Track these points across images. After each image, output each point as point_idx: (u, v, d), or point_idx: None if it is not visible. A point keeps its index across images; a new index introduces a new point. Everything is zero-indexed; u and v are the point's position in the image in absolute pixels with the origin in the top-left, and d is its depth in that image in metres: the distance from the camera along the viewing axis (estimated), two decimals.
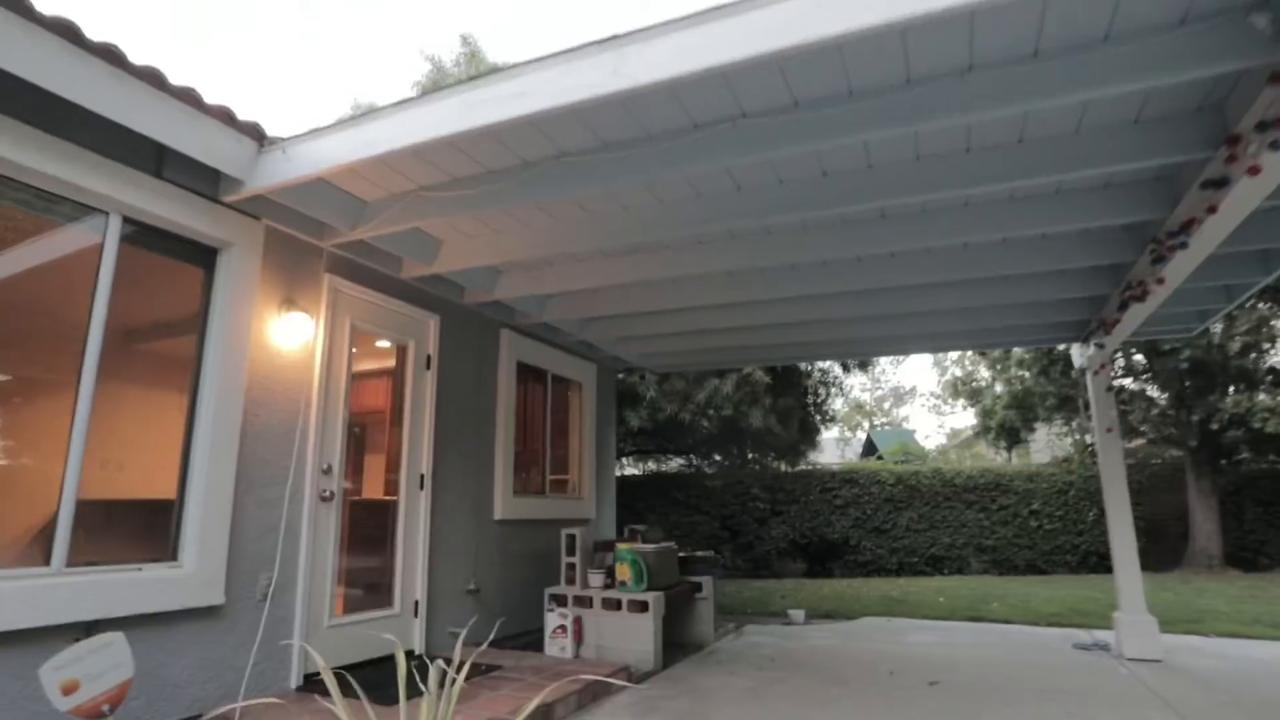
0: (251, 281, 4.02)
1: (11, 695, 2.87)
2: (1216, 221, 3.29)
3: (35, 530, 3.18)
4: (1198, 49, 2.59)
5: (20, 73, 2.79)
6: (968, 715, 4.01)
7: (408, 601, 4.98)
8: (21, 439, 3.33)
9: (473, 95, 3.08)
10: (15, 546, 3.12)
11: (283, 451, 4.13)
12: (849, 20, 2.39)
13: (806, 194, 3.86)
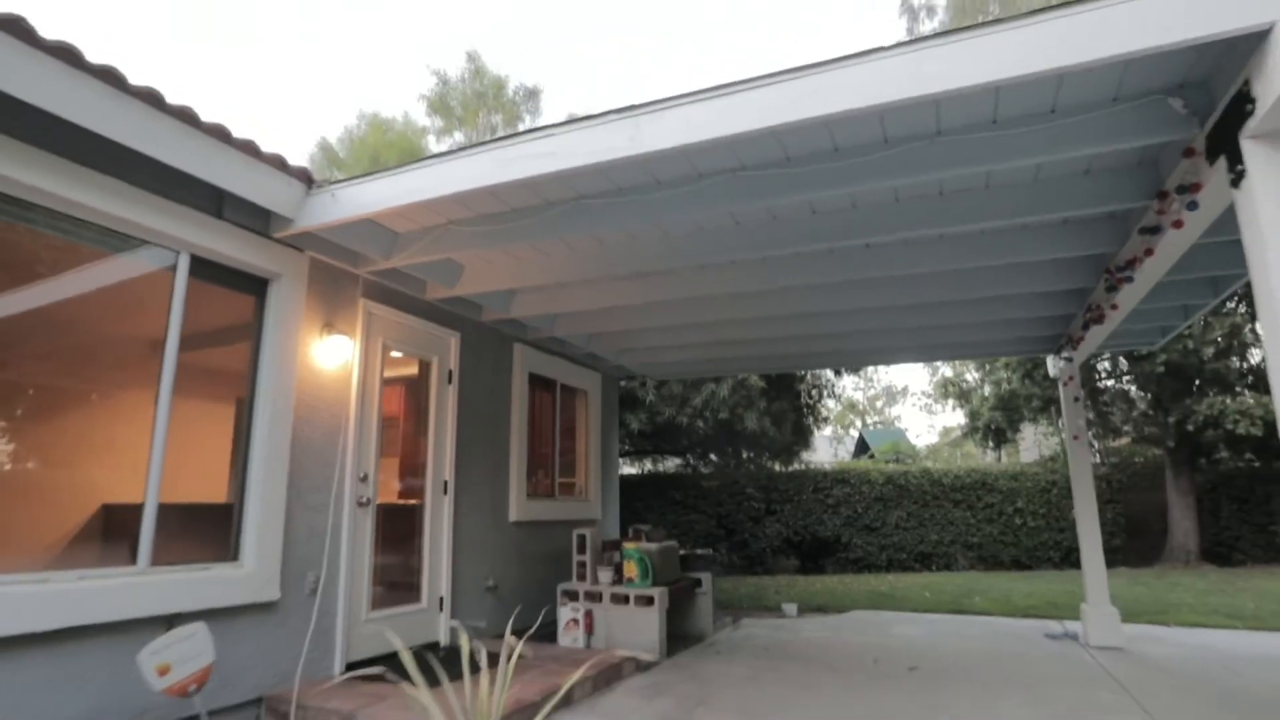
0: (298, 308, 4.45)
1: (113, 677, 3.30)
2: (1154, 261, 3.77)
3: (119, 533, 3.60)
4: (1128, 124, 3.05)
5: (114, 136, 3.23)
6: (941, 696, 4.49)
7: (434, 597, 5.42)
8: (108, 448, 3.76)
9: (507, 152, 3.53)
10: (106, 547, 3.55)
11: (326, 462, 4.57)
12: (834, 104, 2.84)
13: (798, 230, 4.32)
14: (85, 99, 3.11)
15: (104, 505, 3.76)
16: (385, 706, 3.84)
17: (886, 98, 2.76)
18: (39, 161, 3.17)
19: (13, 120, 3.06)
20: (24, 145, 3.12)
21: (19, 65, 2.86)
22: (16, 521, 3.37)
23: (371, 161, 13.51)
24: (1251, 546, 13.63)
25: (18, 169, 3.10)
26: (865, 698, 4.47)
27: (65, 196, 3.28)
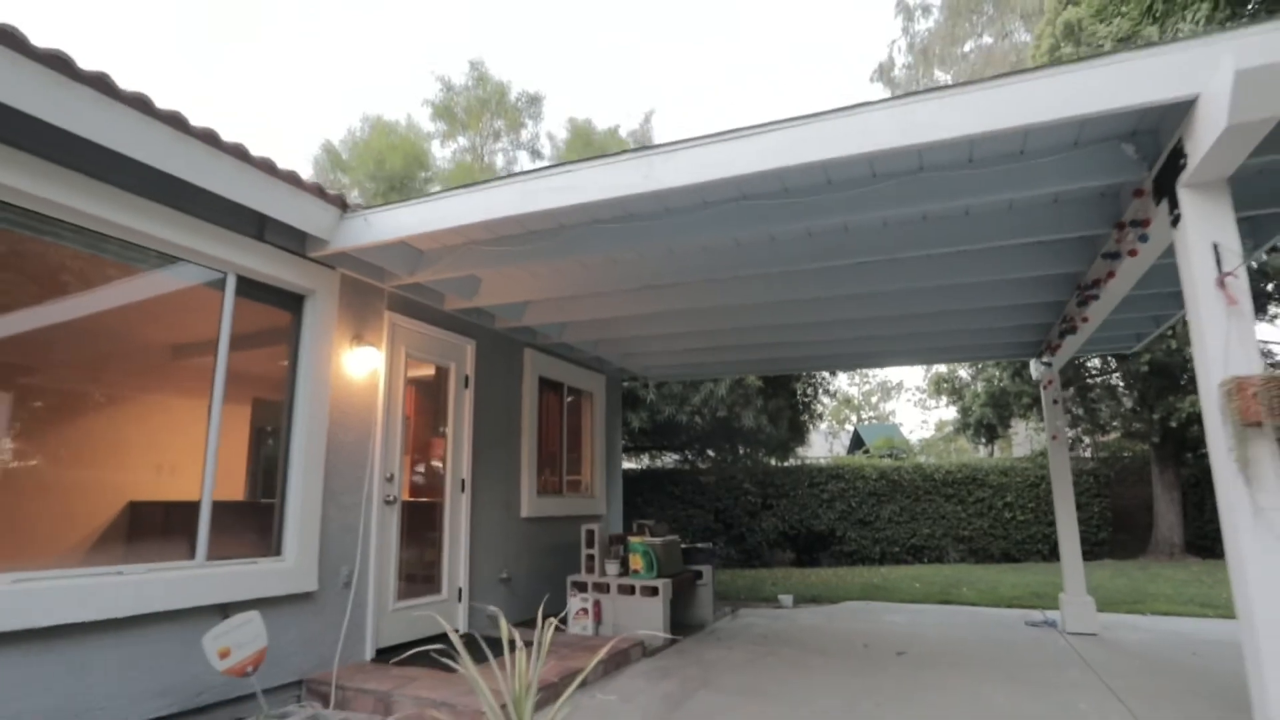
0: (330, 321, 4.81)
1: (176, 659, 3.67)
2: (1116, 282, 4.15)
3: (177, 529, 3.97)
4: (1089, 165, 3.42)
5: (179, 173, 3.59)
6: (924, 677, 4.89)
7: (453, 588, 5.80)
8: (163, 450, 4.12)
9: (530, 185, 3.89)
10: (165, 543, 3.91)
11: (356, 464, 4.93)
12: (828, 151, 3.21)
13: (795, 250, 4.68)
14: (154, 141, 3.46)
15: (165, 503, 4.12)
16: (417, 686, 4.22)
17: (874, 146, 3.13)
18: (110, 197, 3.52)
19: (80, 157, 3.41)
20: (94, 181, 3.47)
21: (102, 116, 3.22)
22: (94, 519, 3.74)
23: (376, 165, 13.81)
24: None
25: (93, 205, 3.45)
26: (855, 679, 4.87)
27: (134, 227, 3.64)
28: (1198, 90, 2.64)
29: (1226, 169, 2.73)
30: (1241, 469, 2.58)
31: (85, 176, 3.42)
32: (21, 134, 3.16)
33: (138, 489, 4.02)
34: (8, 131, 3.12)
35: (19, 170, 3.17)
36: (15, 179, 3.16)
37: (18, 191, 3.20)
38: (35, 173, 3.23)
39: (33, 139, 3.20)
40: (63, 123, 3.11)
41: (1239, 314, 2.68)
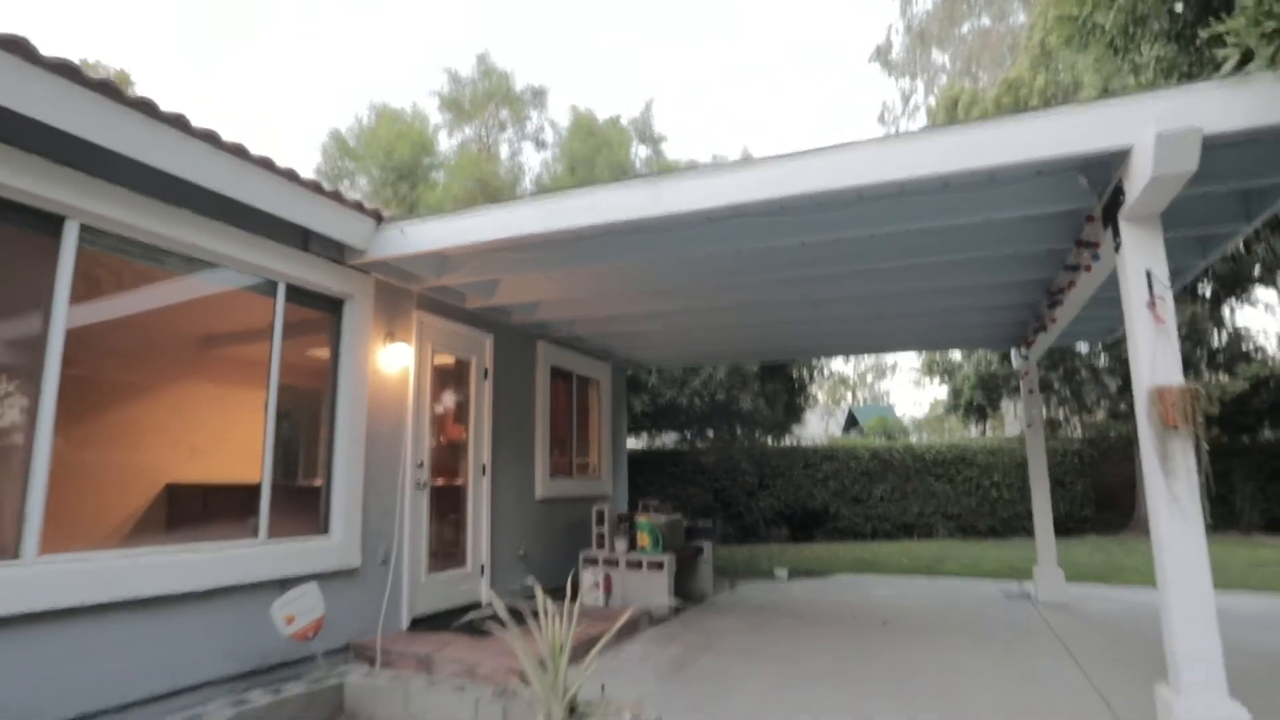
0: (367, 322, 5.28)
1: (245, 626, 4.19)
2: (1077, 290, 4.63)
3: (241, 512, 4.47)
4: (1049, 192, 3.88)
5: (242, 198, 4.03)
6: (905, 640, 5.44)
7: (475, 564, 6.33)
8: (226, 440, 4.62)
9: (553, 205, 4.34)
10: (232, 524, 4.42)
11: (392, 452, 5.43)
12: (819, 184, 3.67)
13: (790, 258, 5.13)
14: (222, 170, 3.91)
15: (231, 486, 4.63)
16: (453, 649, 4.76)
17: (858, 181, 3.59)
18: (186, 220, 3.97)
19: (157, 185, 3.85)
20: (170, 206, 3.91)
21: (180, 150, 3.67)
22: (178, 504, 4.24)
23: (386, 155, 14.13)
24: (1212, 516, 14.55)
25: (169, 227, 3.90)
26: (843, 644, 5.42)
27: (203, 245, 4.09)
28: (1132, 141, 3.10)
29: (1157, 209, 3.20)
30: (1161, 464, 3.08)
31: (162, 202, 3.87)
32: (114, 170, 3.60)
33: (209, 474, 4.52)
34: (104, 169, 3.57)
35: (117, 203, 3.62)
36: (116, 212, 3.62)
37: (118, 221, 3.66)
38: (123, 203, 3.68)
39: (121, 174, 3.64)
40: (148, 159, 3.56)
41: (1165, 332, 3.16)
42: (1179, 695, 2.99)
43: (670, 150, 22.12)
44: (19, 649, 3.18)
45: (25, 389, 3.41)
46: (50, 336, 3.46)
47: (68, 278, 3.52)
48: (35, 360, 3.43)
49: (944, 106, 16.68)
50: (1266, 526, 13.93)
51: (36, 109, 3.12)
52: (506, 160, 14.99)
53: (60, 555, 3.42)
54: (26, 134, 3.24)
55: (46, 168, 3.37)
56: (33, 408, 3.40)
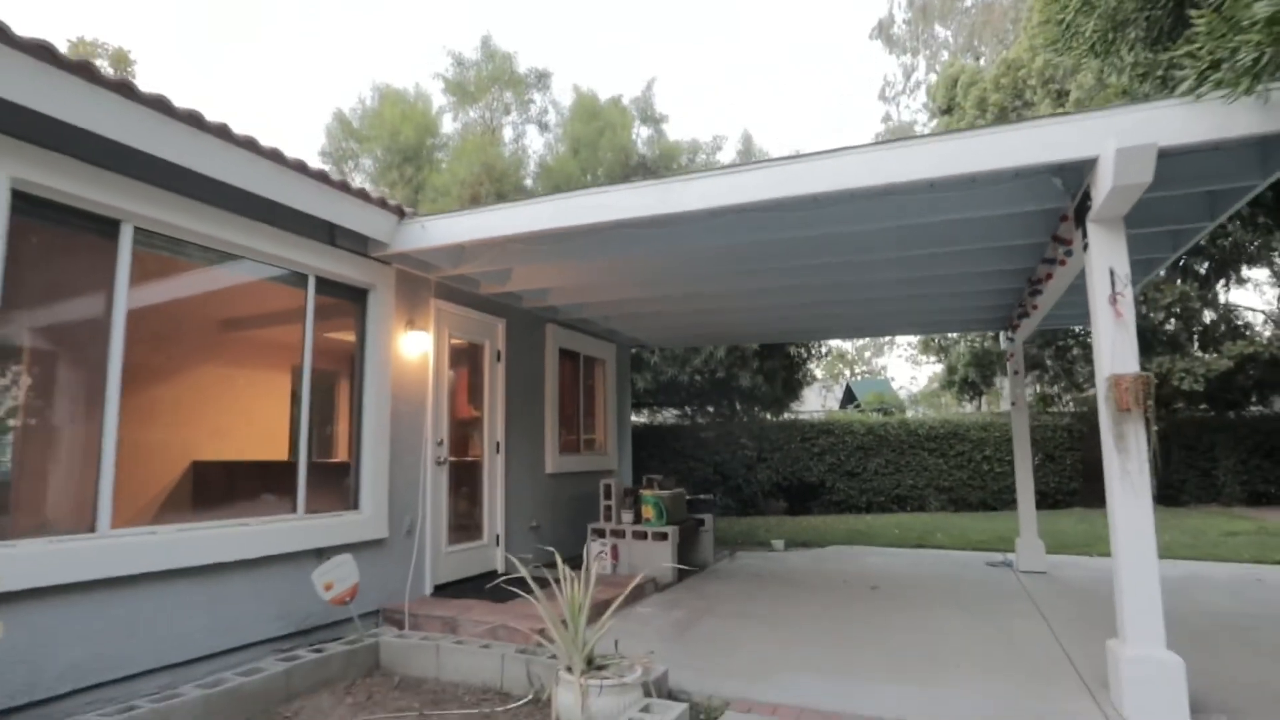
0: (389, 311, 5.61)
1: (287, 592, 4.58)
2: (1054, 282, 4.97)
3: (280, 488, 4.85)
4: (1027, 192, 4.20)
5: (279, 198, 4.35)
6: (892, 605, 5.86)
7: (491, 535, 6.74)
8: (266, 424, 4.98)
9: (566, 203, 4.65)
10: (273, 499, 4.80)
11: (414, 431, 5.80)
12: (814, 186, 3.99)
13: (788, 249, 5.45)
14: (261, 174, 4.22)
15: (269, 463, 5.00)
16: (475, 612, 5.17)
17: (850, 184, 3.91)
18: (224, 219, 4.29)
19: (201, 188, 4.17)
20: (212, 208, 4.23)
21: (225, 156, 3.98)
22: (224, 480, 4.61)
23: (391, 137, 14.30)
24: (1195, 488, 15.12)
25: (211, 227, 4.22)
26: (834, 607, 5.84)
27: (242, 243, 4.42)
28: (1098, 153, 3.41)
29: (1120, 213, 3.52)
30: (1116, 443, 3.45)
31: (206, 205, 4.18)
32: (163, 176, 3.91)
33: (251, 452, 4.89)
34: (154, 175, 3.88)
35: (166, 207, 3.94)
36: (165, 214, 3.94)
37: (167, 223, 3.98)
38: (172, 206, 3.99)
39: (169, 179, 3.95)
40: (195, 165, 3.87)
41: (1124, 325, 3.51)
42: (1124, 646, 3.39)
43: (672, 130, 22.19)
44: (105, 609, 3.58)
45: (93, 378, 3.76)
46: (113, 329, 3.80)
47: (125, 276, 3.85)
48: (100, 351, 3.77)
49: (944, 85, 16.82)
50: (1247, 499, 14.40)
51: (100, 124, 3.43)
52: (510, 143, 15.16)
53: (129, 529, 3.80)
54: (85, 145, 3.55)
55: (104, 176, 3.68)
56: (100, 395, 3.75)
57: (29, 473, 3.67)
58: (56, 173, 3.47)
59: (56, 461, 3.80)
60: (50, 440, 3.82)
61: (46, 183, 3.44)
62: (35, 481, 3.72)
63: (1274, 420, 14.97)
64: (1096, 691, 3.73)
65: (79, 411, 3.80)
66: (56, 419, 3.85)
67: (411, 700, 3.94)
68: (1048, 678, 4.03)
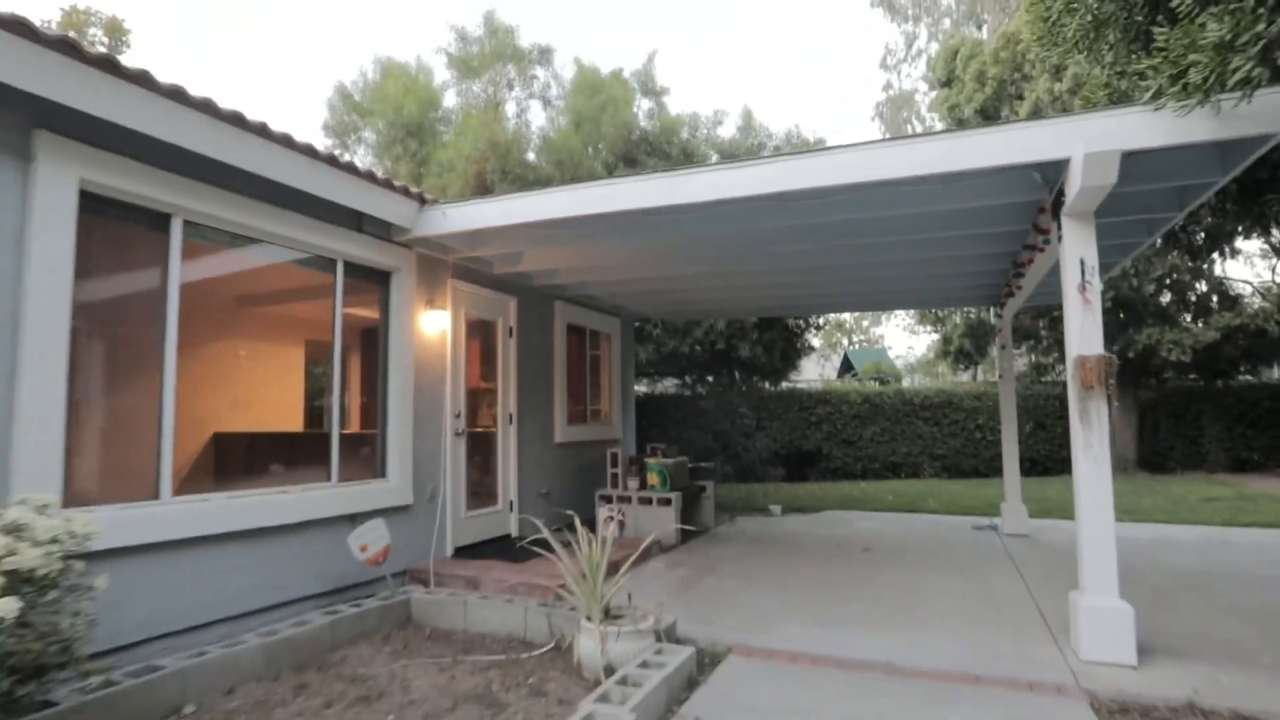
0: (411, 292, 5.95)
1: (325, 554, 5.00)
2: (1035, 266, 5.31)
3: (315, 458, 5.24)
4: (1009, 185, 4.52)
5: (313, 190, 4.66)
6: (882, 564, 6.31)
7: (505, 501, 7.17)
8: (299, 398, 5.35)
9: (578, 193, 4.97)
10: (309, 468, 5.19)
11: (434, 404, 6.18)
12: (810, 181, 4.31)
13: (787, 235, 5.77)
14: (296, 167, 4.53)
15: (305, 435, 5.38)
16: (496, 572, 5.60)
17: (843, 180, 4.23)
18: (261, 210, 4.61)
19: (238, 180, 4.48)
20: (250, 199, 4.55)
21: (265, 152, 4.29)
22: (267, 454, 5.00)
23: (395, 112, 14.44)
24: (1182, 456, 15.60)
25: (250, 217, 4.54)
26: (827, 568, 6.29)
27: (277, 231, 4.74)
28: (1070, 154, 3.73)
29: (1090, 208, 3.86)
30: (1081, 417, 3.83)
31: (245, 197, 4.50)
32: (207, 171, 4.23)
33: (289, 425, 5.27)
34: (199, 171, 4.19)
35: (210, 200, 4.27)
36: (210, 207, 4.26)
37: (211, 215, 4.30)
38: (215, 199, 4.31)
39: (213, 174, 4.26)
40: (238, 162, 4.19)
41: (1091, 311, 3.86)
42: (1083, 596, 3.81)
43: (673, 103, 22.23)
44: (169, 569, 3.98)
45: (152, 358, 4.12)
46: (168, 315, 4.14)
47: (178, 265, 4.19)
48: (158, 334, 4.13)
49: (944, 58, 16.90)
50: (1230, 466, 14.87)
51: (156, 127, 3.75)
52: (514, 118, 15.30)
53: (187, 496, 4.20)
54: (140, 146, 3.86)
55: (157, 175, 4.00)
56: (158, 373, 4.11)
57: (103, 444, 4.05)
58: (117, 173, 3.79)
59: (124, 434, 4.18)
60: (117, 414, 4.19)
61: (109, 182, 3.76)
62: (107, 452, 4.11)
63: (1259, 389, 15.39)
64: (1060, 637, 4.17)
65: (141, 388, 4.16)
66: (123, 395, 4.22)
67: (444, 649, 4.38)
68: (1019, 627, 4.47)
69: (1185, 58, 3.14)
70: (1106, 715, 3.18)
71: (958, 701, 3.34)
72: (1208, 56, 2.99)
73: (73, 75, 3.39)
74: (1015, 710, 3.24)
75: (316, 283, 5.31)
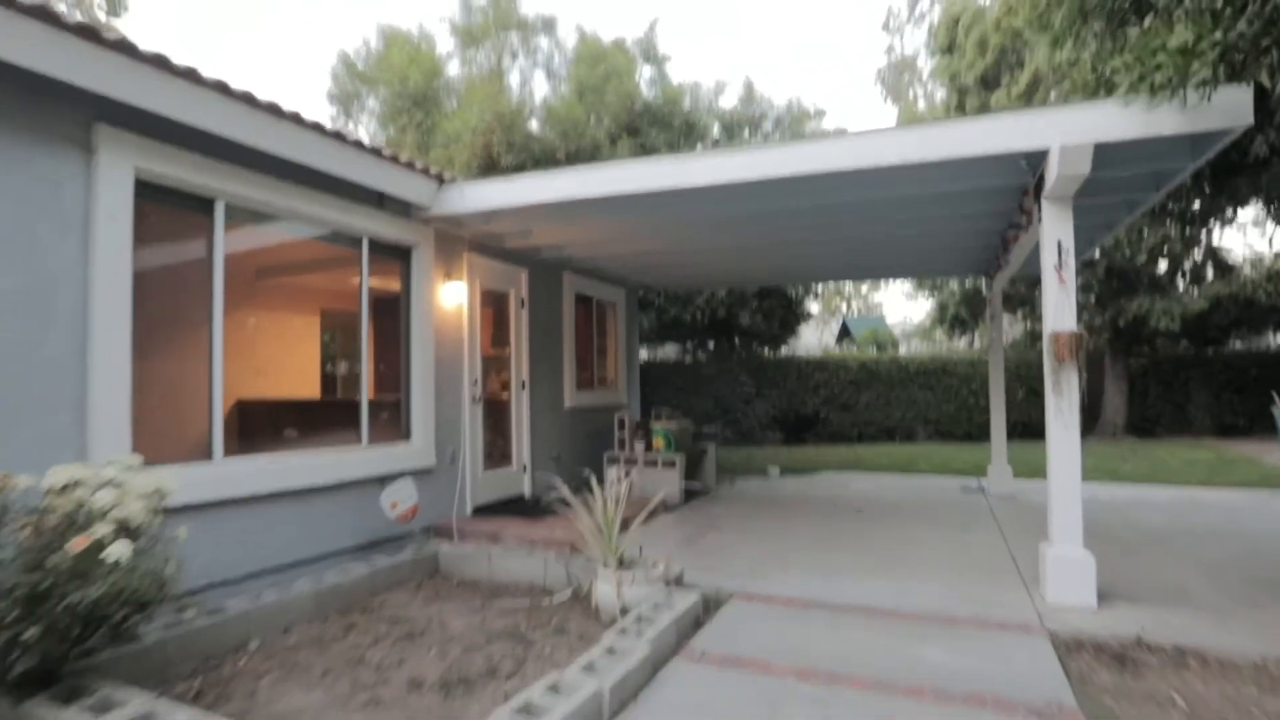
0: (430, 266, 6.27)
1: (357, 511, 5.41)
2: (1020, 243, 5.64)
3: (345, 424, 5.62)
4: (997, 169, 4.81)
5: (342, 173, 4.96)
6: (874, 522, 6.75)
7: (518, 463, 7.59)
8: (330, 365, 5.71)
9: (588, 175, 5.27)
10: (342, 432, 5.58)
11: (453, 371, 6.55)
12: (806, 168, 4.61)
13: (788, 212, 6.08)
14: (327, 151, 4.83)
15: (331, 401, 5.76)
16: (514, 527, 6.04)
17: (834, 167, 4.54)
18: (295, 192, 4.92)
19: (272, 165, 4.79)
20: (284, 182, 4.85)
21: (300, 139, 4.58)
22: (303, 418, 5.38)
23: (400, 82, 14.52)
24: (1170, 421, 16.03)
25: (285, 199, 4.86)
26: (821, 524, 6.73)
27: (308, 211, 5.06)
28: (1049, 144, 4.04)
29: (1068, 194, 4.18)
30: (1054, 387, 4.20)
31: (279, 179, 4.81)
32: (246, 158, 4.53)
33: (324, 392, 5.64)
34: (239, 158, 4.49)
35: (249, 184, 4.58)
36: (249, 190, 4.58)
37: (250, 198, 4.62)
38: (253, 183, 4.62)
39: (251, 160, 4.57)
40: (275, 149, 4.49)
41: (1065, 290, 4.21)
42: (1050, 547, 4.24)
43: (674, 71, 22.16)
44: (222, 523, 4.39)
45: (201, 330, 4.47)
46: (214, 289, 4.49)
47: (221, 244, 4.52)
48: (205, 308, 4.47)
49: (945, 25, 16.90)
50: (1216, 431, 15.31)
51: (203, 119, 4.05)
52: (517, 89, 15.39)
53: (236, 459, 4.59)
54: (187, 136, 4.16)
55: (202, 162, 4.30)
56: (207, 343, 4.47)
57: (162, 410, 4.43)
58: (167, 161, 4.10)
59: (178, 400, 4.55)
60: (173, 383, 4.57)
61: (160, 170, 4.07)
62: (165, 418, 4.49)
63: (1247, 357, 15.77)
64: (1030, 584, 4.61)
65: (192, 359, 4.52)
66: (176, 365, 4.59)
67: (472, 596, 4.82)
68: (994, 575, 4.91)
69: (1153, 58, 3.44)
70: (1064, 650, 3.61)
71: (933, 638, 3.77)
72: (1172, 59, 3.29)
73: (129, 73, 3.68)
74: (984, 645, 3.67)
75: (342, 257, 5.64)
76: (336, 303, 6.57)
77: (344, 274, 5.79)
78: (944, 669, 3.37)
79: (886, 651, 3.61)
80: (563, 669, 3.07)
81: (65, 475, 2.82)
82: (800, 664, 3.44)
